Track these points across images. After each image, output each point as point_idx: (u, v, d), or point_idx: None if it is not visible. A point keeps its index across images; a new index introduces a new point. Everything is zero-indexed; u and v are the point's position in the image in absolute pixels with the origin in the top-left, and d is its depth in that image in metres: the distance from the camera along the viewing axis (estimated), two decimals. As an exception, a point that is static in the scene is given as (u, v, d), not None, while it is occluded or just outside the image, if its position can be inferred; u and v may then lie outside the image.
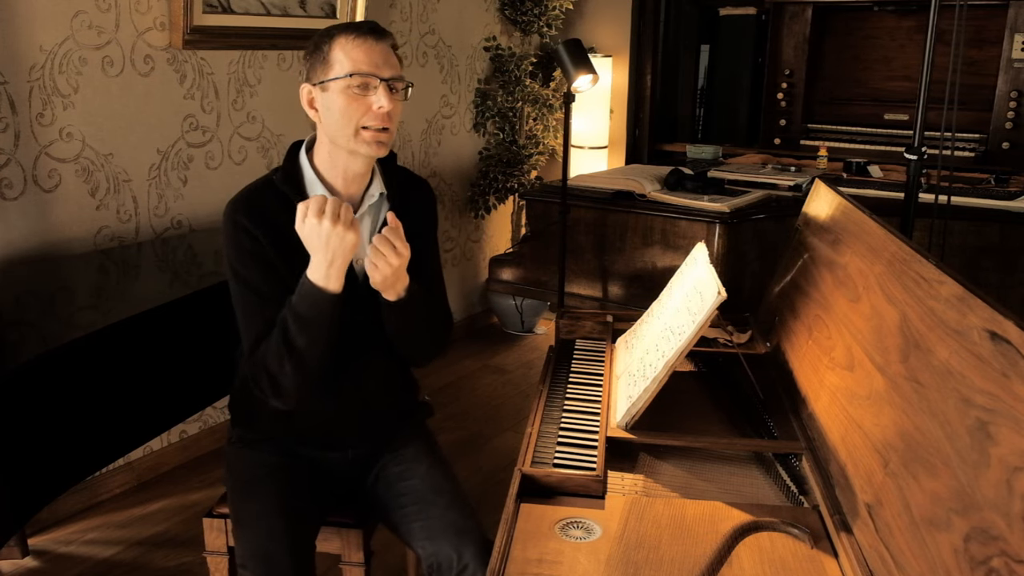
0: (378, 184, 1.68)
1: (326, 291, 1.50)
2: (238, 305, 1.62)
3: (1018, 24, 3.70)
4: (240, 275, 1.59)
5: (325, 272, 1.49)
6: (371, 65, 1.53)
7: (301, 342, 1.52)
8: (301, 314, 1.51)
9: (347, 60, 1.53)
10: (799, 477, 1.39)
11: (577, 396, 1.66)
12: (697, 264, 1.67)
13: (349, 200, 1.65)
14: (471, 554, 1.53)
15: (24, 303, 2.47)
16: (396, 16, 3.62)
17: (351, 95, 1.53)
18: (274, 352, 1.54)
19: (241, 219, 1.58)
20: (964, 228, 2.60)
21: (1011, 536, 0.84)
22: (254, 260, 1.58)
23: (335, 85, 1.54)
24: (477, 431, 3.27)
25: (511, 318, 4.32)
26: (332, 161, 1.62)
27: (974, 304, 1.03)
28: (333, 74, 1.54)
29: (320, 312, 1.51)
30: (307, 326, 1.51)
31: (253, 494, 1.63)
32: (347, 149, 1.58)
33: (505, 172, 4.11)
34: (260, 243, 1.57)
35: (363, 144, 1.56)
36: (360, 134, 1.55)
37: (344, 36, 1.55)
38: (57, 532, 2.56)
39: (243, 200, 1.61)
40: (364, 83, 1.53)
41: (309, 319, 1.51)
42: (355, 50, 1.54)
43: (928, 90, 2.18)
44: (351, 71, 1.53)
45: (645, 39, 4.49)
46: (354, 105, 1.54)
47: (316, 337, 1.52)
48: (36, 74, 2.40)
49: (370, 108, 1.54)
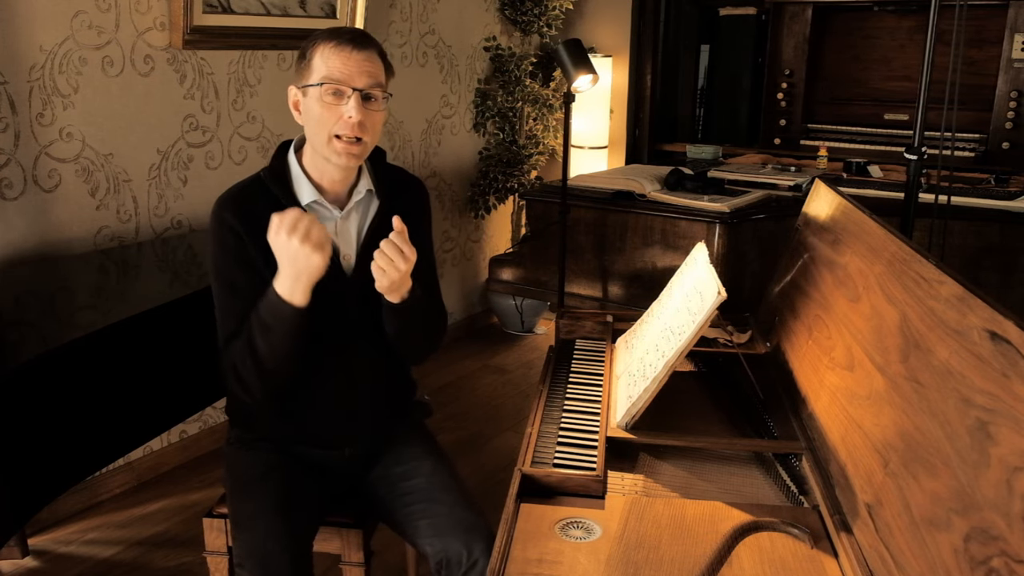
0: (365, 181, 1.70)
1: (290, 304, 1.51)
2: (216, 299, 1.65)
3: (1018, 24, 3.70)
4: (220, 271, 1.62)
5: (290, 287, 1.50)
6: (345, 75, 1.55)
7: (262, 347, 1.54)
8: (264, 320, 1.53)
9: (323, 67, 1.55)
10: (799, 477, 1.39)
11: (577, 396, 1.66)
12: (697, 264, 1.67)
13: (336, 197, 1.67)
14: (480, 550, 1.54)
15: (24, 303, 2.47)
16: (396, 16, 3.62)
17: (324, 103, 1.55)
18: (239, 350, 1.57)
19: (227, 216, 1.60)
20: (964, 228, 2.60)
21: (1011, 536, 0.84)
22: (235, 257, 1.60)
23: (312, 91, 1.57)
24: (477, 431, 3.27)
25: (511, 318, 4.32)
26: (315, 163, 1.65)
27: (974, 304, 1.03)
28: (311, 80, 1.57)
29: (281, 322, 1.52)
30: (268, 332, 1.53)
31: (251, 494, 1.63)
32: (322, 156, 1.61)
33: (505, 172, 4.11)
34: (243, 241, 1.59)
35: (334, 153, 1.58)
36: (332, 142, 1.57)
37: (325, 43, 1.57)
38: (57, 532, 2.56)
39: (231, 198, 1.64)
40: (337, 91, 1.55)
41: (271, 326, 1.53)
42: (332, 58, 1.55)
43: (928, 90, 2.18)
44: (323, 78, 1.55)
45: (645, 39, 4.49)
46: (327, 113, 1.56)
47: (276, 345, 1.54)
48: (36, 74, 2.40)
49: (342, 117, 1.55)
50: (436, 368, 3.82)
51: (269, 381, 1.59)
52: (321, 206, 1.65)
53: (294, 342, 1.54)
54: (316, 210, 1.65)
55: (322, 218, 1.65)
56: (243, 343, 1.56)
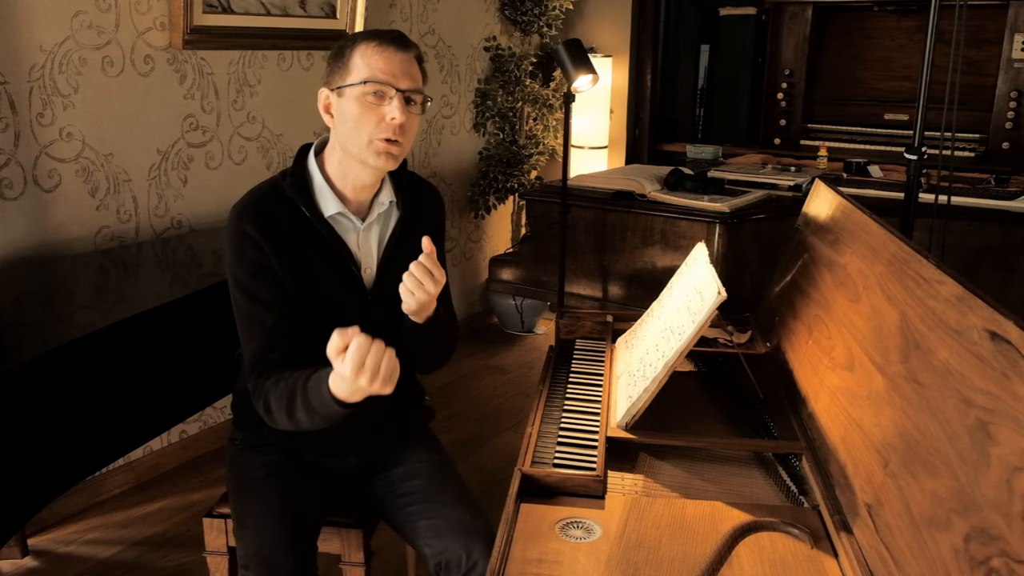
0: (388, 192, 1.65)
1: (344, 404, 1.40)
2: (238, 312, 1.58)
3: (1018, 24, 3.70)
4: (242, 283, 1.56)
5: (348, 393, 1.37)
6: (388, 74, 1.50)
7: (303, 418, 1.48)
8: (311, 402, 1.45)
9: (365, 67, 1.51)
10: (799, 477, 1.39)
11: (577, 396, 1.66)
12: (697, 264, 1.67)
13: (358, 208, 1.62)
14: (480, 551, 1.53)
15: (24, 303, 2.47)
16: (396, 16, 3.62)
17: (365, 103, 1.50)
18: (277, 397, 1.50)
19: (247, 228, 1.54)
20: (964, 228, 2.60)
21: (1011, 536, 0.84)
22: (257, 270, 1.54)
23: (351, 91, 1.52)
24: (477, 431, 3.27)
25: (511, 318, 4.32)
26: (343, 169, 1.59)
27: (974, 304, 1.03)
28: (350, 80, 1.52)
29: (328, 415, 1.44)
30: (313, 415, 1.46)
31: (255, 495, 1.63)
32: (358, 159, 1.55)
33: (505, 172, 4.11)
34: (265, 253, 1.54)
35: (372, 155, 1.53)
36: (372, 144, 1.52)
37: (366, 43, 1.52)
38: (57, 532, 2.56)
39: (250, 207, 1.57)
40: (379, 91, 1.50)
41: (316, 411, 1.45)
42: (375, 57, 1.51)
43: (928, 90, 2.18)
44: (367, 78, 1.50)
45: (645, 39, 4.49)
46: (367, 114, 1.51)
47: (317, 423, 1.48)
48: (36, 74, 2.40)
49: (383, 118, 1.51)
50: (436, 368, 3.82)
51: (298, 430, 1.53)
52: (344, 217, 1.60)
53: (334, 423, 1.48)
54: (339, 222, 1.60)
55: (344, 230, 1.60)
56: (281, 395, 1.49)
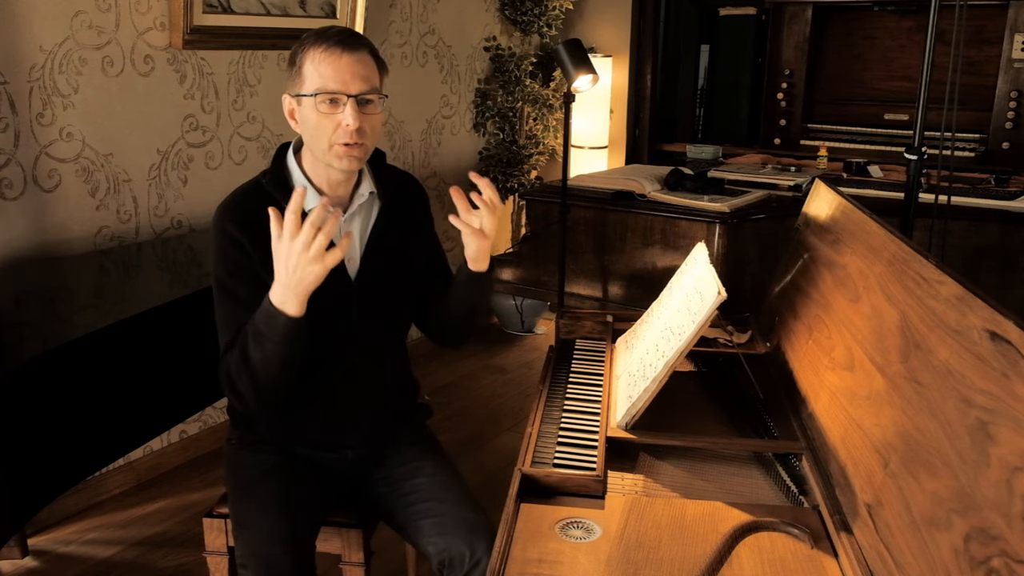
0: (367, 183, 1.67)
1: (283, 313, 1.45)
2: (217, 307, 1.62)
3: (1018, 24, 3.70)
4: (221, 280, 1.59)
5: (282, 296, 1.43)
6: (338, 82, 1.51)
7: (256, 356, 1.49)
8: (259, 328, 1.47)
9: (316, 76, 1.51)
10: (799, 477, 1.39)
11: (577, 396, 1.66)
12: (697, 264, 1.67)
13: (338, 200, 1.64)
14: (483, 549, 1.54)
15: (24, 303, 2.47)
16: (396, 16, 3.62)
17: (320, 112, 1.52)
18: (235, 358, 1.52)
19: (228, 227, 1.57)
20: (964, 228, 2.60)
21: (1011, 536, 0.84)
22: (236, 268, 1.57)
23: (306, 101, 1.53)
24: (477, 431, 3.27)
25: (511, 318, 4.32)
26: (316, 168, 1.62)
27: (974, 304, 1.03)
28: (303, 90, 1.53)
29: (275, 332, 1.46)
30: (262, 341, 1.47)
31: (253, 494, 1.63)
32: (324, 162, 1.58)
33: (505, 172, 4.11)
34: (245, 250, 1.56)
35: (335, 159, 1.55)
36: (333, 148, 1.54)
37: (314, 48, 1.52)
38: (57, 532, 2.56)
39: (231, 206, 1.61)
40: (332, 99, 1.51)
41: (265, 335, 1.47)
42: (323, 64, 1.51)
43: (928, 90, 2.18)
44: (318, 88, 1.51)
45: (645, 39, 4.49)
46: (324, 122, 1.52)
47: (270, 354, 1.48)
48: (36, 74, 2.40)
49: (339, 125, 1.52)
50: (436, 368, 3.82)
51: (264, 390, 1.53)
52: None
53: (289, 351, 1.48)
54: None
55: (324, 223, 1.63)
56: (238, 351, 1.52)
